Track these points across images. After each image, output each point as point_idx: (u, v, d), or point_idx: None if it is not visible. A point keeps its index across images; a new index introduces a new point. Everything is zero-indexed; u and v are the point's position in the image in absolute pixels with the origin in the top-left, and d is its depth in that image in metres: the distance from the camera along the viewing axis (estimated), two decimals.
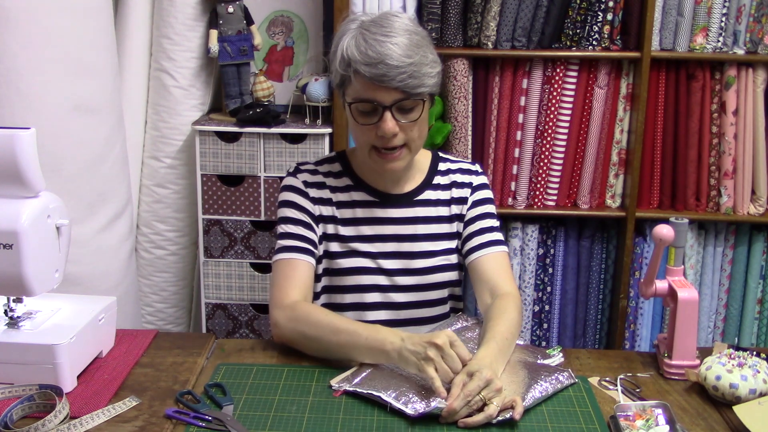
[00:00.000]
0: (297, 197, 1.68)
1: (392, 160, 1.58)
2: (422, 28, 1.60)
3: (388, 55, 1.48)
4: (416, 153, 1.63)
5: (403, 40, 1.50)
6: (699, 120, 2.52)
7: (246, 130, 2.53)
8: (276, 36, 2.74)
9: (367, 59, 1.49)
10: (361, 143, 1.61)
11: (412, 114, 1.55)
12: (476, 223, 1.70)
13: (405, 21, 1.55)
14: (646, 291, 1.56)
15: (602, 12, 2.46)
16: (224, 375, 1.47)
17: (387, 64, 1.48)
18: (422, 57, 1.52)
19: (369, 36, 1.50)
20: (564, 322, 2.69)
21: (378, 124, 1.53)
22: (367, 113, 1.55)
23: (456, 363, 1.35)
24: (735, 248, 2.64)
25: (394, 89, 1.50)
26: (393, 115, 1.52)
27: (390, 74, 1.48)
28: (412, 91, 1.51)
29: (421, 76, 1.51)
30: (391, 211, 1.68)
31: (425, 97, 1.55)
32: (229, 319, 2.67)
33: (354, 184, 1.70)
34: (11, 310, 1.44)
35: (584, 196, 2.60)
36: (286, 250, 1.63)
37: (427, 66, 1.52)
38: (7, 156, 1.33)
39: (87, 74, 2.20)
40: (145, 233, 2.70)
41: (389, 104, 1.52)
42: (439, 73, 1.57)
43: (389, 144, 1.55)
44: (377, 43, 1.49)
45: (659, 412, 1.33)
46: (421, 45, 1.53)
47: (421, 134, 1.59)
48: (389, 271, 1.67)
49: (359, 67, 1.50)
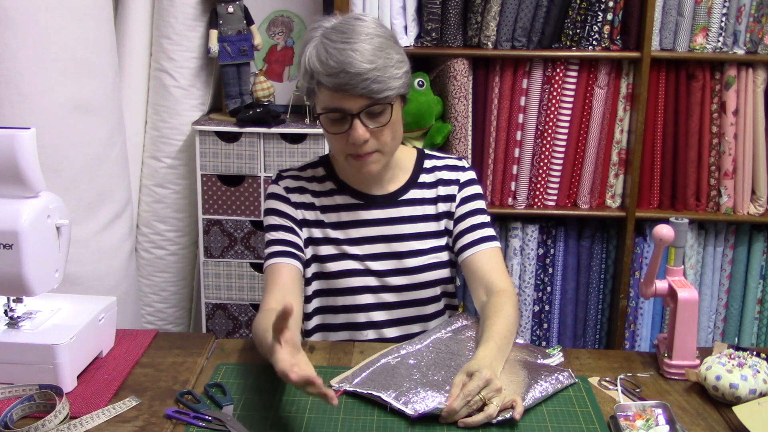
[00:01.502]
0: (279, 204, 1.69)
1: (366, 165, 1.57)
2: (388, 28, 1.58)
3: (348, 63, 1.46)
4: (391, 155, 1.62)
5: (364, 45, 1.48)
6: (699, 120, 2.52)
7: (246, 130, 2.53)
8: (276, 36, 2.74)
9: (329, 69, 1.47)
10: (336, 151, 1.60)
11: (382, 118, 1.53)
12: (466, 220, 1.69)
13: (368, 24, 1.52)
14: (646, 291, 1.55)
15: (602, 12, 2.46)
16: (224, 375, 1.47)
17: (348, 73, 1.46)
18: (386, 60, 1.49)
19: (329, 45, 1.48)
20: (564, 322, 2.69)
21: (348, 132, 1.52)
22: (336, 122, 1.53)
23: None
24: (735, 248, 2.64)
25: (359, 96, 1.48)
26: (362, 122, 1.51)
27: (352, 82, 1.47)
28: (378, 96, 1.49)
29: (385, 80, 1.49)
30: (376, 213, 1.68)
31: (393, 100, 1.53)
32: (229, 319, 2.67)
33: (337, 188, 1.69)
34: (11, 310, 1.44)
35: (584, 196, 2.60)
36: (272, 257, 1.65)
37: (392, 68, 1.50)
38: (7, 156, 1.33)
39: (87, 74, 2.20)
40: (145, 233, 2.70)
41: (356, 112, 1.50)
42: (406, 72, 1.55)
43: (362, 151, 1.54)
44: (337, 52, 1.47)
45: (659, 412, 1.33)
46: (383, 47, 1.50)
47: (395, 136, 1.58)
48: (378, 272, 1.66)
49: (321, 78, 1.49)
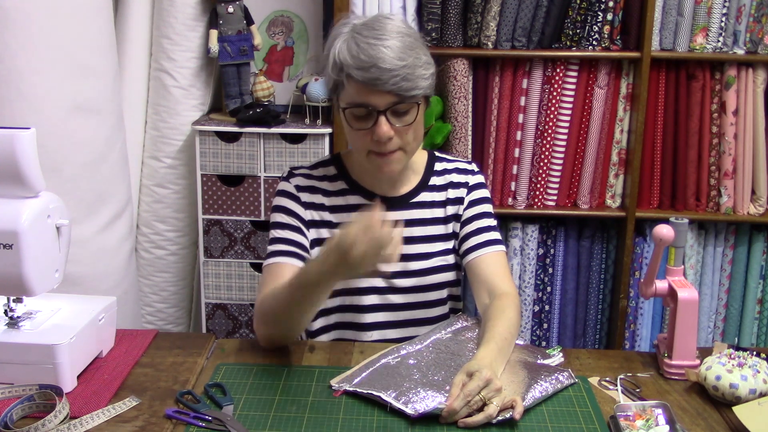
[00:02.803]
0: (288, 202, 1.67)
1: (389, 163, 1.57)
2: (415, 29, 1.58)
3: (380, 59, 1.47)
4: (412, 155, 1.62)
5: (396, 42, 1.48)
6: (699, 120, 2.52)
7: (246, 130, 2.53)
8: (276, 36, 2.74)
9: (360, 63, 1.48)
10: (357, 147, 1.60)
11: (407, 117, 1.53)
12: (473, 223, 1.69)
13: (397, 23, 1.54)
14: (646, 291, 1.55)
15: (602, 12, 2.46)
16: (224, 375, 1.47)
17: (379, 68, 1.47)
18: (415, 59, 1.50)
19: (361, 39, 1.49)
20: (564, 322, 2.69)
21: (373, 128, 1.52)
22: (361, 118, 1.54)
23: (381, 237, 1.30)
24: (735, 248, 2.64)
25: (388, 93, 1.49)
26: (387, 119, 1.51)
27: (383, 78, 1.47)
28: (406, 94, 1.50)
29: (414, 79, 1.50)
30: (387, 214, 1.67)
31: (419, 99, 1.54)
32: (229, 319, 2.67)
33: (349, 188, 1.69)
34: (11, 310, 1.44)
35: (584, 196, 2.60)
36: (274, 255, 1.63)
37: (420, 68, 1.51)
38: (7, 156, 1.33)
39: (87, 74, 2.20)
40: (145, 233, 2.70)
41: (383, 108, 1.50)
42: (433, 74, 1.56)
43: (385, 149, 1.54)
44: (369, 47, 1.48)
45: (659, 412, 1.33)
46: (413, 47, 1.51)
47: (417, 137, 1.59)
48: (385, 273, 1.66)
49: (351, 71, 1.49)
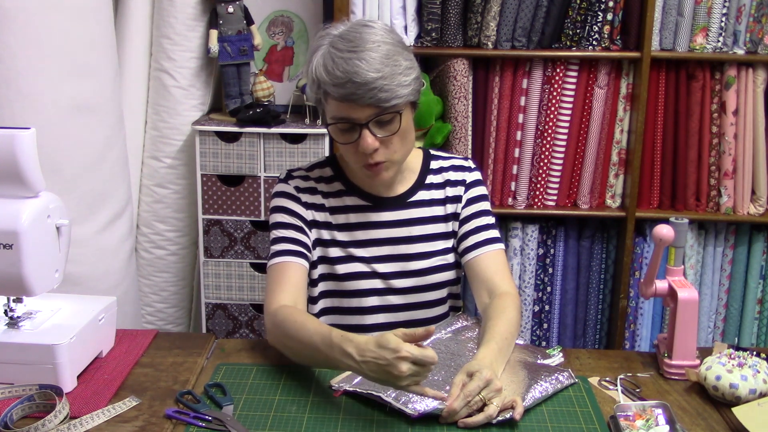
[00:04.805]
0: (289, 202, 1.66)
1: (379, 172, 1.56)
2: (397, 33, 1.55)
3: (354, 73, 1.44)
4: (404, 160, 1.61)
5: (371, 54, 1.46)
6: (699, 120, 2.52)
7: (246, 130, 2.53)
8: (276, 36, 2.74)
9: (335, 79, 1.46)
10: (349, 160, 1.59)
11: (391, 126, 1.51)
12: (472, 221, 1.69)
13: (376, 31, 1.50)
14: (646, 291, 1.55)
15: (602, 12, 2.46)
16: (224, 375, 1.47)
17: (354, 82, 1.44)
18: (393, 67, 1.47)
19: (336, 54, 1.47)
20: (564, 322, 2.69)
21: (358, 141, 1.51)
22: (346, 131, 1.52)
23: (429, 357, 1.27)
24: (735, 248, 2.64)
25: (367, 106, 1.47)
26: (371, 131, 1.50)
27: (359, 92, 1.45)
28: (386, 105, 1.47)
29: (393, 88, 1.47)
30: (385, 215, 1.67)
31: (401, 108, 1.51)
32: (229, 319, 2.67)
33: (346, 189, 1.68)
34: (11, 310, 1.44)
35: (584, 196, 2.60)
36: (279, 255, 1.62)
37: (400, 75, 1.48)
38: (7, 156, 1.33)
39: (87, 74, 2.20)
40: (145, 233, 2.70)
41: (365, 121, 1.49)
42: (416, 78, 1.53)
43: (372, 160, 1.53)
44: (343, 61, 1.45)
45: (659, 412, 1.33)
46: (391, 54, 1.48)
47: (406, 142, 1.57)
48: (385, 274, 1.66)
49: (328, 88, 1.48)
